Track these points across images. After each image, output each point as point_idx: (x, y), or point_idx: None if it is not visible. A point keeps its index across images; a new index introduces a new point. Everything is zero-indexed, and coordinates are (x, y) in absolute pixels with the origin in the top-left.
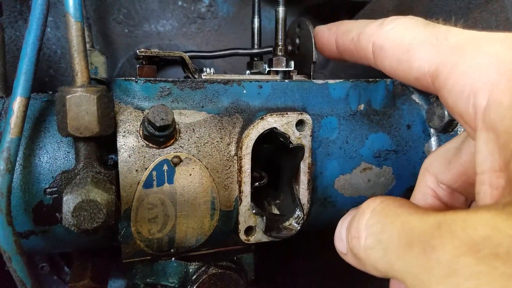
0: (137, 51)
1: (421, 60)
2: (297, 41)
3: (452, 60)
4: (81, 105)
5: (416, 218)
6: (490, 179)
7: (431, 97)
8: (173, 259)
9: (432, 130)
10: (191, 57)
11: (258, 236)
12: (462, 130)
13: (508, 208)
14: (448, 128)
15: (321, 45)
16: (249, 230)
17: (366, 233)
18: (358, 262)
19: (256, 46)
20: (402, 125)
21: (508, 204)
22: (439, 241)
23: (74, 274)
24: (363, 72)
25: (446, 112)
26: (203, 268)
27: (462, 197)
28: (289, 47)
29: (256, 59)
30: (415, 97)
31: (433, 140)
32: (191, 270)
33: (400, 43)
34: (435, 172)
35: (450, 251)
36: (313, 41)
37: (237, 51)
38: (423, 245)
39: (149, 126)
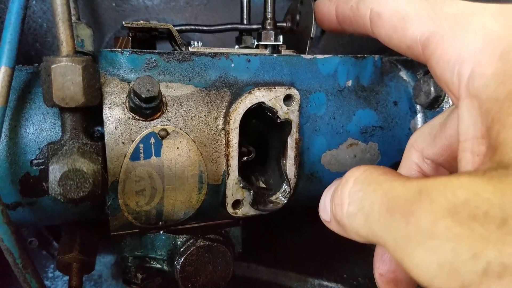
0: (124, 22)
1: (414, 28)
2: (297, 17)
3: (443, 30)
4: (66, 75)
5: (398, 185)
6: (472, 146)
7: (418, 74)
8: (161, 232)
9: (418, 107)
10: (187, 31)
11: (245, 210)
12: (448, 106)
13: (488, 173)
14: (434, 105)
15: (321, 16)
16: (236, 204)
17: (349, 200)
18: (341, 229)
19: (245, 21)
20: (389, 101)
21: (488, 170)
22: (418, 206)
23: (62, 246)
24: (353, 51)
25: (432, 89)
26: (191, 241)
27: (446, 172)
28: (288, 24)
29: (244, 34)
30: (403, 74)
31: (419, 117)
32: (179, 242)
33: (397, 10)
34: (420, 148)
35: (429, 215)
36: (313, 16)
37: (236, 25)
38: (404, 210)
39: (135, 97)
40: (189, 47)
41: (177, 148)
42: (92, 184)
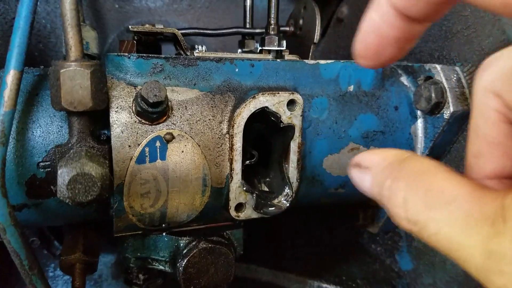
0: (129, 26)
1: None
2: (300, 22)
3: None
4: (75, 79)
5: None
6: None
7: (419, 80)
8: (164, 233)
9: (419, 112)
10: (192, 34)
11: (248, 213)
12: (448, 112)
13: None
14: (434, 111)
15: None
16: (239, 207)
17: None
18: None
19: (248, 25)
20: (390, 106)
21: None
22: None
23: (66, 247)
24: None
25: (433, 95)
26: (193, 243)
27: None
28: (291, 28)
29: (247, 37)
30: (403, 79)
31: (420, 122)
32: (182, 244)
33: None
34: (501, 93)
35: None
36: (316, 22)
37: (239, 29)
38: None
39: (142, 102)
40: (194, 52)
41: (182, 151)
42: (100, 188)
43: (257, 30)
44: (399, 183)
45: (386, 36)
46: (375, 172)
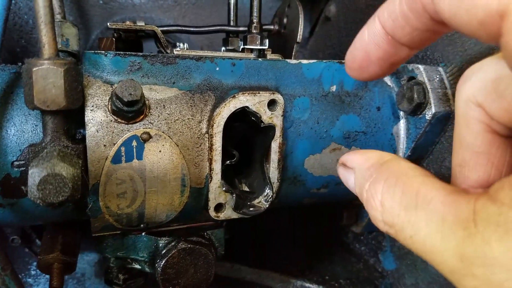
0: (108, 24)
1: None
2: (285, 20)
3: None
4: (47, 78)
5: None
6: None
7: (402, 80)
8: (143, 233)
9: (401, 113)
10: (174, 32)
11: (228, 213)
12: (430, 113)
13: None
14: (416, 111)
15: (364, 57)
16: (219, 207)
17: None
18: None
19: (232, 23)
20: (372, 107)
21: None
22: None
23: (44, 246)
24: (342, 52)
25: (415, 95)
26: (173, 243)
27: None
28: (276, 26)
29: (231, 35)
30: (387, 80)
31: (402, 123)
32: (161, 244)
33: None
34: (483, 104)
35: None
36: (299, 21)
37: (223, 27)
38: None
39: (117, 101)
40: (175, 49)
41: (160, 151)
42: (71, 189)
43: (241, 28)
44: (377, 185)
45: (371, 55)
46: (357, 173)
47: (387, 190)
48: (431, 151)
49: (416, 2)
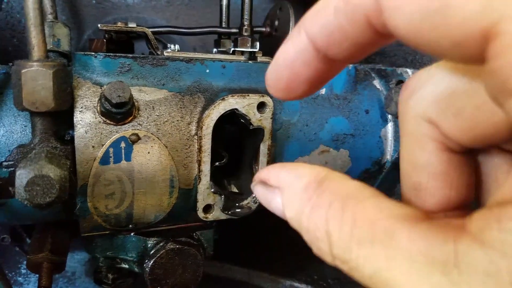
0: (99, 25)
1: (465, 11)
2: (276, 23)
3: None
4: (37, 79)
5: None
6: None
7: (391, 84)
8: (132, 234)
9: (389, 116)
10: (166, 33)
11: (216, 214)
12: None
13: None
14: None
15: (288, 75)
16: (207, 208)
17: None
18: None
19: (224, 24)
20: (361, 110)
21: None
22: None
23: (33, 246)
24: None
25: None
26: (161, 243)
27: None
28: (268, 28)
29: (223, 37)
30: (376, 83)
31: (390, 126)
32: (149, 245)
33: None
34: (436, 121)
35: None
36: (291, 24)
37: (215, 29)
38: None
39: (106, 102)
40: (165, 51)
41: (148, 152)
42: (58, 190)
43: (233, 30)
44: (320, 211)
45: (299, 75)
46: (288, 194)
47: (333, 217)
48: None
49: (357, 14)
